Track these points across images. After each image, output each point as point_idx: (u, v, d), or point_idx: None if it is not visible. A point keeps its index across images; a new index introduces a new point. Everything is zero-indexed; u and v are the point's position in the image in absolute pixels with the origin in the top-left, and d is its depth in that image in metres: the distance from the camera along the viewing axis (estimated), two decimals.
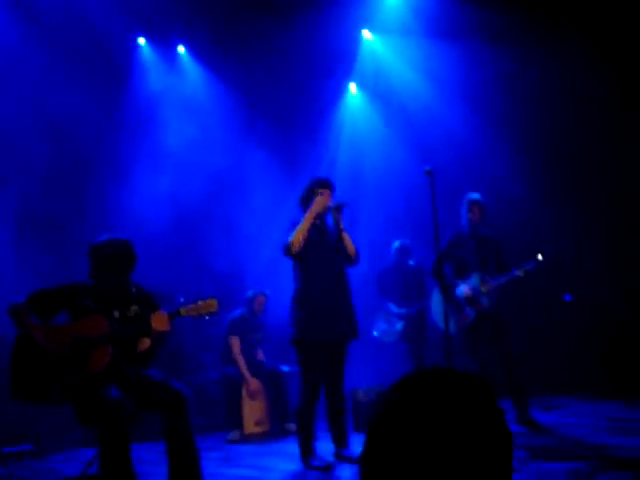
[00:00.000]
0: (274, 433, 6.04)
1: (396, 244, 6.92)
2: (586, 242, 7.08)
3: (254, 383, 6.08)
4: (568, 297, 7.23)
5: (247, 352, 6.21)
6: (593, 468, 3.60)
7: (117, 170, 7.20)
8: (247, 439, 5.85)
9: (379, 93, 8.35)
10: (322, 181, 4.58)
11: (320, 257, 4.49)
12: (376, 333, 6.83)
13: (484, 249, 5.36)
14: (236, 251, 7.33)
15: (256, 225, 7.48)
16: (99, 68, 7.07)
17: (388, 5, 7.95)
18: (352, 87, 8.71)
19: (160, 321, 3.51)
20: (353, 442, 4.62)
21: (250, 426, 5.97)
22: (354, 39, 8.25)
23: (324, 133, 8.42)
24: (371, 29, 8.30)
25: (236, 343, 6.14)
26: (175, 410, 3.47)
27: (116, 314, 3.64)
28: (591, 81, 6.89)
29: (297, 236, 4.39)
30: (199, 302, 3.62)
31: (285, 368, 6.35)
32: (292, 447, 5.00)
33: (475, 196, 5.41)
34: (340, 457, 4.46)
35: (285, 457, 4.88)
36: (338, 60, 8.06)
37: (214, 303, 3.63)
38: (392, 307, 6.77)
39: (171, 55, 8.19)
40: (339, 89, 8.57)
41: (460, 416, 1.09)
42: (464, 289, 5.31)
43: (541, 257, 5.04)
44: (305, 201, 4.59)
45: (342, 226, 4.53)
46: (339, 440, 4.52)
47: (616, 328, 7.00)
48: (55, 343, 3.48)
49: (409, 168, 7.13)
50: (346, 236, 4.55)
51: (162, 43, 8.01)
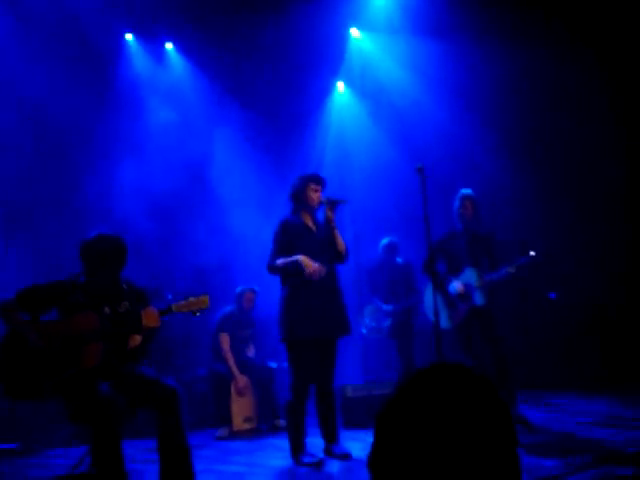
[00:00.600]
0: (263, 430, 6.05)
1: (384, 241, 6.95)
2: (579, 238, 7.14)
3: (242, 380, 6.08)
4: (553, 295, 7.29)
5: (236, 349, 6.21)
6: (586, 463, 3.62)
7: (101, 165, 7.17)
8: (236, 436, 5.85)
9: (367, 91, 8.38)
10: (314, 177, 4.57)
11: (309, 254, 4.48)
12: (364, 330, 6.87)
13: (476, 245, 5.39)
14: (222, 247, 7.31)
15: (243, 221, 7.47)
16: (86, 64, 7.03)
17: (376, 3, 7.98)
18: (340, 85, 8.73)
19: (151, 317, 3.50)
20: (343, 438, 4.64)
21: (239, 423, 5.97)
22: (342, 37, 8.27)
23: (312, 130, 8.43)
24: (359, 27, 8.31)
25: (226, 340, 6.14)
26: (167, 407, 3.46)
27: (107, 310, 3.61)
28: (581, 74, 6.96)
29: (276, 271, 4.51)
30: (190, 298, 3.62)
31: (273, 364, 6.37)
32: (282, 443, 5.01)
33: (467, 192, 5.44)
34: (330, 453, 4.47)
35: (275, 453, 4.88)
36: (326, 58, 8.07)
37: (205, 299, 3.63)
38: (380, 304, 6.79)
39: (159, 51, 8.16)
40: (327, 87, 8.58)
41: (464, 410, 1.10)
42: (456, 285, 5.35)
43: (533, 253, 5.08)
44: (297, 197, 4.59)
45: (334, 223, 4.54)
46: (329, 436, 4.53)
47: (609, 324, 7.08)
48: (45, 340, 3.45)
49: (399, 165, 7.17)
50: (337, 233, 4.55)
51: (150, 40, 7.98)
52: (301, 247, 4.47)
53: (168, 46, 8.21)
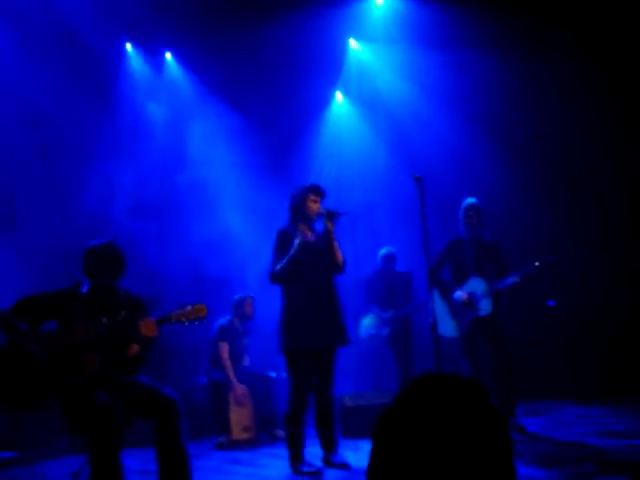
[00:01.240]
0: (261, 439, 6.03)
1: (382, 251, 6.98)
2: (581, 246, 7.14)
3: (240, 389, 6.07)
4: (552, 302, 7.29)
5: (235, 358, 6.21)
6: (588, 473, 3.61)
7: (99, 172, 7.20)
8: (235, 445, 5.84)
9: (366, 101, 8.40)
10: (314, 187, 4.56)
11: (308, 266, 4.48)
12: (362, 339, 6.85)
13: (482, 254, 5.38)
14: (220, 257, 7.31)
15: (241, 231, 7.48)
16: (86, 73, 7.08)
17: (374, 14, 8.01)
18: (338, 96, 8.76)
19: (149, 327, 3.49)
20: (341, 448, 4.63)
21: (237, 432, 5.95)
22: (340, 48, 8.30)
23: (311, 140, 8.45)
24: (357, 38, 8.35)
25: (225, 349, 6.13)
26: (166, 417, 3.45)
27: (104, 320, 3.60)
28: (583, 83, 6.98)
29: (279, 276, 4.46)
30: (188, 307, 3.59)
31: (272, 374, 6.36)
32: (280, 453, 5.01)
33: (472, 201, 5.44)
34: (329, 463, 4.46)
35: (274, 463, 4.88)
36: (324, 69, 8.11)
37: (203, 308, 3.60)
38: (378, 312, 6.80)
39: (158, 61, 8.20)
40: (325, 97, 8.61)
41: (458, 419, 1.11)
42: (461, 294, 5.34)
43: (538, 263, 5.08)
44: (296, 208, 4.59)
45: (333, 234, 4.53)
46: (328, 446, 4.52)
47: (613, 332, 7.07)
48: (44, 350, 3.45)
49: (398, 175, 7.18)
50: (336, 244, 4.55)
51: (149, 49, 8.03)
52: (299, 258, 4.47)
53: (167, 56, 8.26)
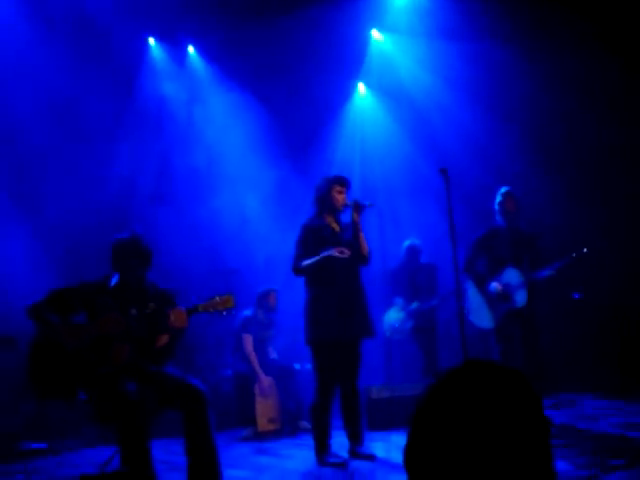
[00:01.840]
0: (287, 431, 6.07)
1: (406, 243, 6.97)
2: (608, 239, 7.04)
3: (266, 381, 6.11)
4: (577, 295, 7.21)
5: (259, 350, 6.25)
6: (618, 465, 3.59)
7: (121, 167, 7.27)
8: (260, 436, 5.88)
9: (388, 92, 8.36)
10: (339, 179, 4.56)
11: (334, 256, 4.49)
12: (387, 333, 6.85)
13: (519, 243, 5.32)
14: (242, 249, 7.34)
15: (264, 224, 7.50)
16: (109, 67, 7.13)
17: (396, 5, 7.96)
18: (361, 87, 8.73)
19: (178, 317, 3.52)
20: (367, 439, 4.64)
21: (263, 423, 5.99)
22: (363, 39, 8.27)
23: (334, 132, 8.44)
24: (380, 29, 8.31)
25: (249, 341, 6.17)
26: (195, 408, 3.49)
27: (133, 312, 3.65)
28: (609, 74, 6.87)
29: (303, 272, 4.50)
30: (216, 298, 3.60)
31: (297, 366, 6.38)
32: (305, 444, 5.05)
33: (508, 189, 5.39)
34: (355, 454, 4.47)
35: (299, 454, 4.91)
36: (347, 60, 8.08)
37: (231, 298, 3.61)
38: (403, 304, 6.79)
39: (180, 55, 8.23)
40: (348, 89, 8.59)
41: (499, 406, 1.11)
42: (496, 285, 5.30)
43: (575, 255, 5.02)
44: (321, 200, 4.59)
45: (359, 226, 4.53)
46: (354, 437, 4.53)
47: (633, 325, 6.97)
48: (75, 342, 3.50)
49: (423, 167, 7.15)
50: (362, 236, 4.54)
51: (172, 43, 8.06)
52: (325, 249, 4.47)
53: (190, 49, 8.28)
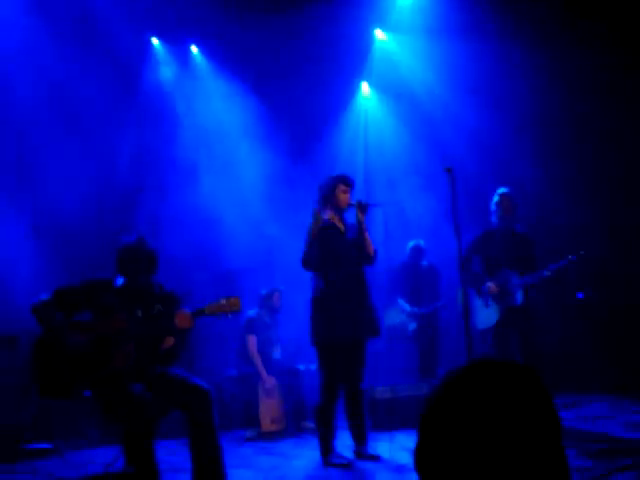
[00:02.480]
0: (291, 431, 6.06)
1: (411, 244, 6.98)
2: (611, 239, 7.04)
3: (270, 381, 6.10)
4: (581, 295, 7.21)
5: (263, 351, 6.24)
6: (625, 465, 3.57)
7: (125, 166, 7.27)
8: (264, 437, 5.87)
9: (392, 92, 8.35)
10: (343, 178, 4.56)
11: (338, 256, 4.49)
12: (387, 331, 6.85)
13: (514, 245, 5.32)
14: (245, 250, 7.34)
15: (268, 224, 7.49)
16: (113, 67, 7.13)
17: (400, 4, 7.95)
18: (364, 86, 8.72)
19: (184, 319, 3.52)
20: (371, 440, 4.64)
21: (267, 424, 5.98)
22: (366, 38, 8.26)
23: (338, 131, 8.44)
24: (383, 28, 8.30)
25: (253, 342, 6.17)
26: (199, 407, 3.49)
27: (139, 313, 3.65)
28: (615, 74, 6.85)
29: (307, 260, 4.43)
30: (222, 300, 3.59)
31: (301, 366, 6.38)
32: (309, 444, 5.04)
33: (505, 191, 5.39)
34: (360, 455, 4.48)
35: (303, 454, 4.91)
36: (350, 59, 8.07)
37: (237, 301, 3.61)
38: (405, 306, 6.79)
39: (184, 54, 8.23)
40: (352, 88, 8.58)
41: (511, 404, 1.10)
42: (490, 285, 5.30)
43: (571, 257, 5.02)
44: (325, 199, 4.58)
45: (364, 225, 4.53)
46: (358, 438, 4.54)
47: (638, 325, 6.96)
48: (79, 340, 3.50)
49: (427, 166, 7.15)
50: (367, 235, 4.54)
51: (175, 43, 8.06)
52: (329, 248, 4.48)
53: (193, 49, 8.28)
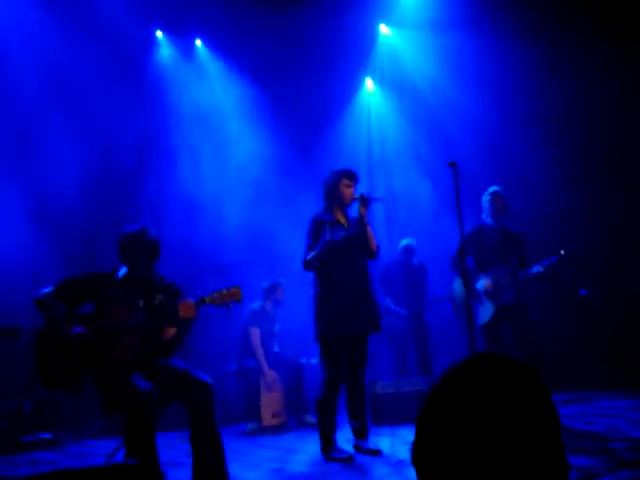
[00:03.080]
0: (291, 425, 6.07)
1: (403, 242, 7.03)
2: (617, 234, 7.02)
3: (271, 375, 6.10)
4: (584, 292, 7.21)
5: (265, 344, 6.25)
6: (613, 464, 3.57)
7: (130, 158, 7.27)
8: (265, 431, 5.88)
9: (397, 86, 8.34)
10: (347, 172, 4.55)
11: (342, 252, 4.48)
12: None
13: (506, 242, 5.35)
14: (246, 243, 7.34)
15: (269, 218, 7.48)
16: (118, 60, 7.13)
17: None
18: (368, 82, 8.70)
19: (187, 309, 3.51)
20: (372, 434, 4.64)
21: (268, 418, 5.99)
22: (371, 33, 8.25)
23: (340, 126, 8.42)
24: (388, 24, 8.28)
25: (256, 334, 6.17)
26: (200, 400, 3.48)
27: (140, 303, 3.64)
28: (623, 67, 6.84)
29: (311, 264, 4.45)
30: (223, 290, 3.59)
31: (302, 360, 6.38)
32: (310, 438, 5.04)
33: (497, 189, 5.41)
34: (360, 449, 4.47)
35: (303, 448, 4.91)
36: (355, 54, 8.07)
37: (238, 291, 3.60)
38: (393, 305, 6.85)
39: (188, 48, 8.22)
40: (356, 83, 8.57)
41: (508, 399, 1.09)
42: (484, 283, 5.30)
43: (563, 252, 5.03)
44: (329, 193, 4.58)
45: (367, 220, 4.51)
46: (359, 432, 4.53)
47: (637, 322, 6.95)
48: (81, 332, 3.50)
49: (432, 160, 7.14)
50: (369, 230, 4.53)
51: (179, 36, 8.05)
52: (326, 257, 4.46)
53: (197, 42, 8.27)
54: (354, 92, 8.63)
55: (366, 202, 4.47)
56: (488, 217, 5.43)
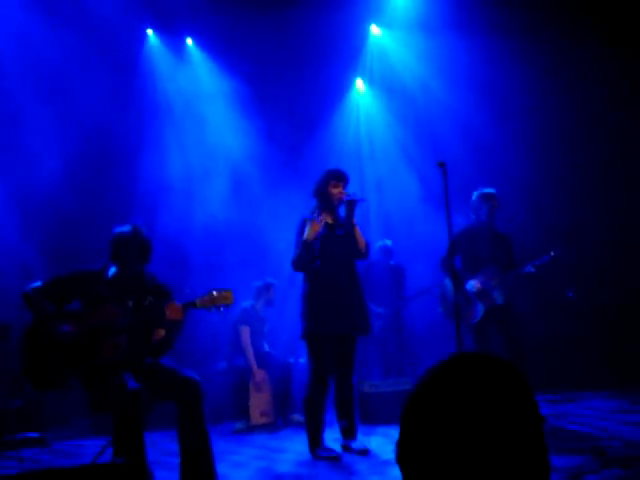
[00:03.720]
0: (279, 424, 6.07)
1: (379, 243, 7.05)
2: (603, 236, 7.07)
3: (260, 374, 6.11)
4: (570, 293, 7.25)
5: (255, 343, 6.25)
6: (599, 463, 3.59)
7: (122, 158, 7.25)
8: (253, 430, 5.89)
9: (387, 87, 8.35)
10: (335, 173, 4.57)
11: (330, 251, 4.50)
12: None
13: (498, 243, 5.36)
14: (235, 243, 7.33)
15: (264, 219, 7.47)
16: (108, 58, 7.10)
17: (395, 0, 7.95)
18: (359, 82, 8.71)
19: (174, 311, 3.50)
20: (360, 433, 4.65)
21: (256, 417, 6.00)
22: (362, 34, 8.26)
23: (332, 126, 8.43)
24: (379, 24, 8.29)
25: (246, 333, 6.17)
26: (188, 399, 3.48)
27: (130, 304, 3.63)
28: (607, 70, 6.89)
29: (298, 263, 4.47)
30: (214, 293, 3.55)
31: (291, 359, 6.38)
32: (298, 437, 5.05)
33: (492, 191, 5.42)
34: (348, 448, 4.48)
35: (291, 447, 4.91)
36: (345, 55, 8.07)
37: (229, 295, 3.56)
38: (371, 305, 6.89)
39: (179, 47, 8.19)
40: (346, 83, 8.57)
41: (491, 398, 1.10)
42: (475, 283, 5.31)
43: (553, 253, 5.06)
44: (319, 192, 4.59)
45: (354, 220, 4.54)
46: (347, 432, 4.54)
47: (629, 322, 7.00)
48: (69, 330, 3.48)
49: (420, 161, 7.16)
50: (357, 230, 4.56)
51: (170, 35, 8.02)
52: (321, 244, 4.48)
53: (188, 41, 8.25)
54: (344, 92, 8.63)
55: (352, 204, 4.50)
56: (480, 218, 5.42)
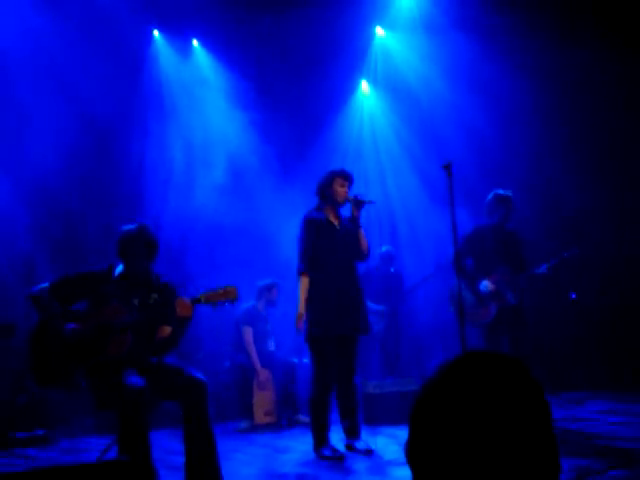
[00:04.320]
0: (283, 424, 6.08)
1: (383, 249, 7.08)
2: (610, 237, 7.06)
3: (263, 374, 6.12)
4: (574, 295, 7.24)
5: (258, 343, 6.26)
6: (604, 464, 3.59)
7: (127, 158, 7.27)
8: (257, 429, 5.90)
9: (392, 88, 8.36)
10: (341, 172, 4.57)
11: (332, 251, 4.51)
12: None
13: (507, 243, 5.34)
14: (240, 243, 7.35)
15: (266, 218, 7.48)
16: (115, 59, 7.12)
17: (400, 1, 7.96)
18: (364, 84, 8.72)
19: (184, 308, 3.51)
20: (364, 433, 4.66)
21: (260, 416, 6.02)
22: (367, 35, 8.27)
23: (336, 127, 8.44)
24: (384, 26, 8.30)
25: (249, 333, 6.19)
26: (194, 398, 3.49)
27: (135, 302, 3.64)
28: (609, 67, 6.88)
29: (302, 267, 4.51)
30: (218, 289, 3.56)
31: (295, 359, 6.40)
32: (302, 437, 5.05)
33: (509, 193, 5.39)
34: (352, 448, 4.49)
35: (295, 447, 4.92)
36: (350, 56, 8.08)
37: (233, 290, 3.57)
38: (371, 305, 6.92)
39: (185, 48, 8.22)
40: (352, 85, 8.58)
41: (502, 396, 1.11)
42: (488, 284, 5.29)
43: (566, 254, 5.07)
44: (322, 191, 4.61)
45: (359, 222, 4.55)
46: (351, 432, 4.55)
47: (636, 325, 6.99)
48: (75, 329, 3.50)
49: (426, 163, 7.16)
50: (361, 232, 4.57)
51: (176, 36, 8.05)
52: (323, 243, 4.50)
53: (194, 43, 8.27)
54: (349, 93, 8.64)
55: (359, 204, 4.51)
56: (493, 219, 5.38)
